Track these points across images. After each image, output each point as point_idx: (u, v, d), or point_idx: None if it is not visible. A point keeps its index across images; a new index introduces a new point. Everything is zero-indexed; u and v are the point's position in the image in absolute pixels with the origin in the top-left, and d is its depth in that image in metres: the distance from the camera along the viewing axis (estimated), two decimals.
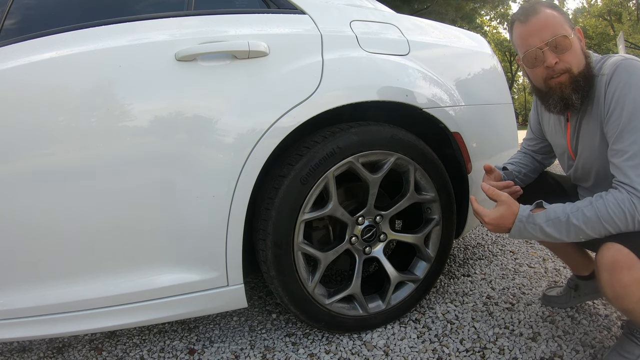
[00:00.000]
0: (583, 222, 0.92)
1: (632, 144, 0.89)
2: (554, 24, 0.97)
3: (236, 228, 1.09)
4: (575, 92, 0.99)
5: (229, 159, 1.06)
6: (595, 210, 0.91)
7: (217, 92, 1.07)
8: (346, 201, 1.35)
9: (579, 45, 1.00)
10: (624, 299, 0.91)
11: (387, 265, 1.33)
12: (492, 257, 1.94)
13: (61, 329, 1.05)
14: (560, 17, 0.99)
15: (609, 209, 0.89)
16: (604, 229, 0.91)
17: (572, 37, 0.98)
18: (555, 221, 0.95)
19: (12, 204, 0.98)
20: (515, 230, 1.01)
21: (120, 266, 1.06)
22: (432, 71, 1.35)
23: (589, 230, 0.92)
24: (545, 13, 0.99)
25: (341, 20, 1.27)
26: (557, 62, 0.98)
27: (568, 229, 0.94)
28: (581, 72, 0.98)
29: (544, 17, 0.98)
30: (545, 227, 0.96)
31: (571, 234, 0.94)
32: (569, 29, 0.98)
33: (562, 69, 0.98)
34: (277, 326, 1.42)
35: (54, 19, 1.12)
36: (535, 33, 0.99)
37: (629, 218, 0.88)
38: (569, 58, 0.97)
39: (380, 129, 1.23)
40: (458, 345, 1.25)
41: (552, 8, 1.01)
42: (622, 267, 0.89)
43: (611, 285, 0.91)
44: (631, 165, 0.89)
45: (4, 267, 1.02)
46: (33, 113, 0.97)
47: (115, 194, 1.02)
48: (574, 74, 0.98)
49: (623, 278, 0.89)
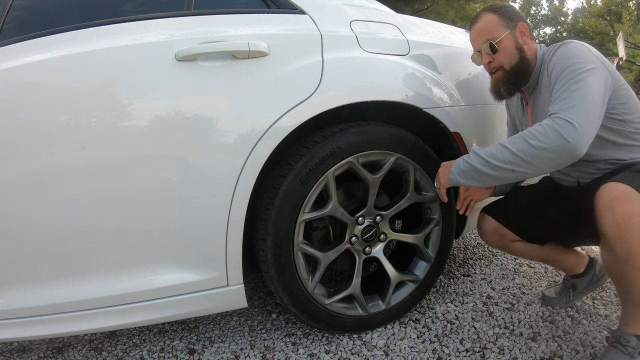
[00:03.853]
0: (509, 142, 1.02)
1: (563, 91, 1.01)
2: (487, 30, 1.17)
3: (236, 228, 1.09)
4: (504, 85, 1.18)
5: (228, 159, 1.06)
6: (521, 134, 1.01)
7: (217, 92, 1.07)
8: (346, 201, 1.35)
9: (513, 44, 1.16)
10: (627, 235, 0.92)
11: (387, 265, 1.33)
12: (492, 257, 1.94)
13: (61, 329, 1.05)
14: (497, 20, 1.17)
15: (531, 129, 1.00)
16: (526, 144, 0.98)
17: (503, 38, 1.15)
18: (487, 150, 1.07)
19: (12, 204, 0.98)
20: (454, 166, 1.13)
21: (120, 266, 1.06)
22: (432, 71, 1.35)
23: (513, 146, 1.00)
24: (482, 21, 1.19)
25: (341, 20, 1.27)
26: (490, 62, 1.19)
27: (496, 150, 1.03)
28: (512, 67, 1.16)
29: (479, 25, 1.19)
30: (478, 151, 1.08)
31: (498, 155, 1.03)
32: (503, 30, 1.16)
33: (495, 67, 1.19)
34: (277, 326, 1.42)
35: (54, 19, 1.12)
36: (473, 40, 1.23)
37: (547, 130, 0.96)
38: (500, 57, 1.17)
39: (380, 129, 1.23)
40: (458, 345, 1.25)
41: (494, 12, 1.18)
42: (621, 199, 0.93)
43: (614, 220, 0.93)
44: (557, 101, 1.01)
45: (4, 267, 1.02)
46: (33, 113, 0.97)
47: (115, 194, 1.02)
48: (506, 70, 1.17)
49: (624, 210, 0.92)
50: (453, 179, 1.14)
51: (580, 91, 0.98)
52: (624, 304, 1.07)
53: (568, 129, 0.94)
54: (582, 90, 0.98)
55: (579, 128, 0.94)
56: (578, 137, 0.94)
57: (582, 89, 0.99)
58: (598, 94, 0.99)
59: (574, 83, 1.00)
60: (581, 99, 0.97)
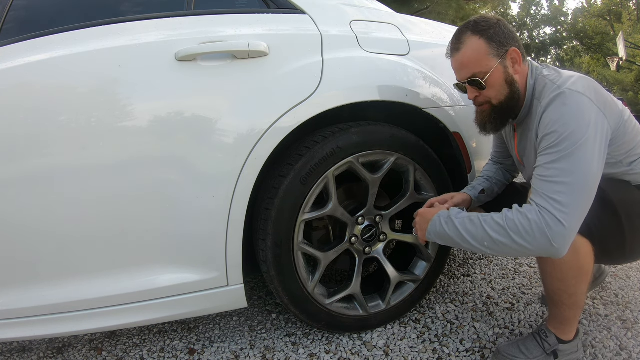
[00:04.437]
0: (490, 226, 0.94)
1: (554, 162, 0.91)
2: (472, 62, 1.01)
3: (236, 228, 1.09)
4: (490, 122, 1.07)
5: (228, 159, 1.06)
6: (504, 218, 0.93)
7: (217, 92, 1.07)
8: (346, 201, 1.35)
9: (502, 77, 1.01)
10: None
11: (387, 265, 1.33)
12: (492, 257, 1.94)
13: (61, 329, 1.05)
14: (484, 47, 1.00)
15: (516, 219, 0.91)
16: (509, 238, 0.91)
17: (492, 72, 1.00)
18: (466, 219, 0.99)
19: (12, 204, 0.98)
20: (431, 224, 1.06)
21: (120, 266, 1.06)
22: (432, 71, 1.35)
23: (494, 234, 0.93)
24: (467, 49, 1.01)
25: (341, 20, 1.27)
26: (477, 96, 1.06)
27: (475, 230, 0.96)
28: (500, 102, 1.04)
29: (462, 54, 1.02)
30: (456, 223, 1.00)
31: (477, 237, 0.96)
32: (491, 61, 1.00)
33: (481, 102, 1.06)
34: (277, 326, 1.42)
35: (54, 19, 1.12)
36: (457, 70, 1.07)
37: (534, 229, 0.88)
38: (488, 93, 1.03)
39: (380, 129, 1.23)
40: (458, 345, 1.25)
41: (481, 35, 1.00)
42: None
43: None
44: (546, 179, 0.91)
45: (4, 267, 1.02)
46: (33, 113, 0.97)
47: (115, 194, 1.01)
48: (493, 104, 1.05)
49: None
50: (429, 238, 1.09)
51: (574, 176, 0.88)
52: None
53: (557, 231, 0.86)
54: (576, 175, 0.88)
55: (568, 231, 0.87)
56: (565, 241, 0.88)
57: (576, 170, 0.88)
58: (593, 172, 0.89)
59: (568, 157, 0.89)
60: (574, 187, 0.88)
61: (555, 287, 1.05)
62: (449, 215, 1.03)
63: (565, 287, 1.03)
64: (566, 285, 1.02)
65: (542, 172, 0.93)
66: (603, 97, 0.95)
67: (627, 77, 20.71)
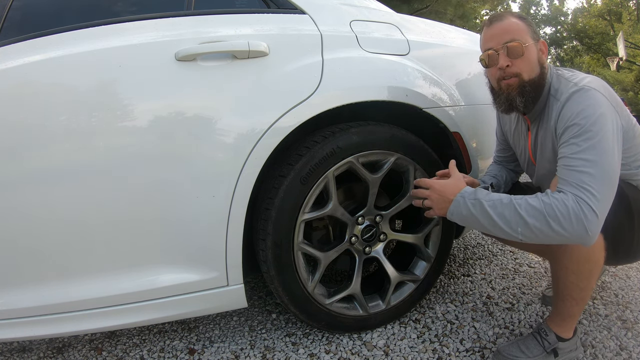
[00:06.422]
0: (525, 209, 0.91)
1: (580, 152, 0.92)
2: (513, 30, 1.04)
3: (236, 228, 1.09)
4: (520, 96, 1.05)
5: (228, 158, 1.06)
6: (541, 202, 0.91)
7: (217, 92, 1.07)
8: (346, 201, 1.35)
9: (536, 56, 1.05)
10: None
11: (387, 265, 1.33)
12: (492, 256, 1.94)
13: (61, 329, 1.05)
14: (524, 27, 1.05)
15: (553, 204, 0.90)
16: (546, 223, 0.90)
17: (529, 45, 1.03)
18: (497, 202, 0.95)
19: (12, 204, 0.98)
20: (454, 205, 1.02)
21: (120, 266, 1.06)
22: (432, 71, 1.35)
23: (530, 218, 0.91)
24: (509, 21, 1.06)
25: (341, 20, 1.27)
26: (508, 65, 1.04)
27: (509, 214, 0.93)
28: (531, 80, 1.04)
29: (506, 23, 1.05)
30: (486, 205, 0.96)
31: (511, 221, 0.93)
32: (529, 39, 1.04)
33: (512, 73, 1.04)
34: (277, 326, 1.42)
35: (54, 19, 1.12)
36: (495, 36, 1.06)
37: (572, 216, 0.88)
38: (521, 64, 1.03)
39: (380, 129, 1.23)
40: (458, 345, 1.25)
41: (520, 19, 1.07)
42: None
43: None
44: (571, 171, 0.92)
45: (4, 267, 1.02)
46: (32, 113, 0.97)
47: (115, 194, 1.01)
48: (523, 79, 1.04)
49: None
50: (451, 218, 1.05)
51: (599, 167, 0.90)
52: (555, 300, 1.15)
53: (591, 220, 0.88)
54: (600, 167, 0.90)
55: (600, 220, 0.89)
56: (597, 230, 0.89)
57: (600, 162, 0.90)
58: (615, 164, 0.92)
59: (592, 149, 0.91)
60: (601, 179, 0.89)
61: (568, 280, 1.05)
62: (476, 197, 0.98)
63: (578, 281, 1.04)
64: (579, 278, 1.03)
65: (568, 163, 0.94)
66: (616, 98, 0.99)
67: (627, 77, 20.68)
